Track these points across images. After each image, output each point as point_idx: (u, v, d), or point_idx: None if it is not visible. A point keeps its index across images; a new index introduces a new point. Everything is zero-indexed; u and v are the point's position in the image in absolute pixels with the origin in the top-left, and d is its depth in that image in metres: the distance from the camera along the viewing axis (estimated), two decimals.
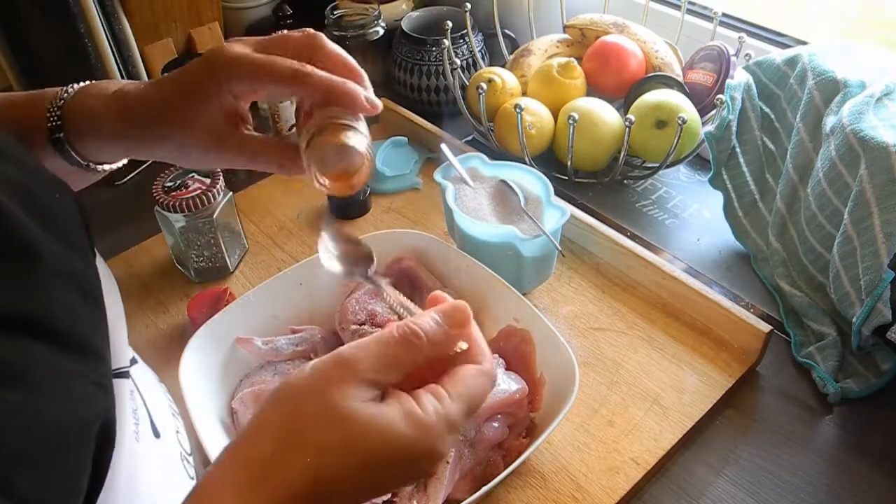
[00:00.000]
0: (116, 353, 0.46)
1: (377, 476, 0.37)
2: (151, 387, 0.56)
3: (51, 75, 1.05)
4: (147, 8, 1.03)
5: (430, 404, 0.38)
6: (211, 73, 0.47)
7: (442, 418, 0.38)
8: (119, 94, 0.49)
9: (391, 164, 0.98)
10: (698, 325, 0.76)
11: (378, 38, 1.08)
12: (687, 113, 0.85)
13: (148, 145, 0.50)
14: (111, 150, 0.51)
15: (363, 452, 0.36)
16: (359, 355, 0.38)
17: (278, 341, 0.69)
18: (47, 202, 0.36)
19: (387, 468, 0.37)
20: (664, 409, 0.69)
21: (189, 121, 0.48)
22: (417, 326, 0.39)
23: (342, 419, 0.36)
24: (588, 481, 0.63)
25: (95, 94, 0.50)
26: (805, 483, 0.64)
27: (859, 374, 0.71)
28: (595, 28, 1.01)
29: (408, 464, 0.38)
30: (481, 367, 0.41)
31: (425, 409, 0.38)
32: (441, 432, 0.38)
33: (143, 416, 0.50)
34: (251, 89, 0.48)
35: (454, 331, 0.41)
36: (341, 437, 0.36)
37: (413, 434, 0.37)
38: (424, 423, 0.37)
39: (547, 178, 0.78)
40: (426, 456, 0.38)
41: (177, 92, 0.48)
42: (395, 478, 0.39)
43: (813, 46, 0.81)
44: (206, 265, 0.84)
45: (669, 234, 0.90)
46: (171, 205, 0.77)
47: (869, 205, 0.67)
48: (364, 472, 0.36)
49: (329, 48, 0.50)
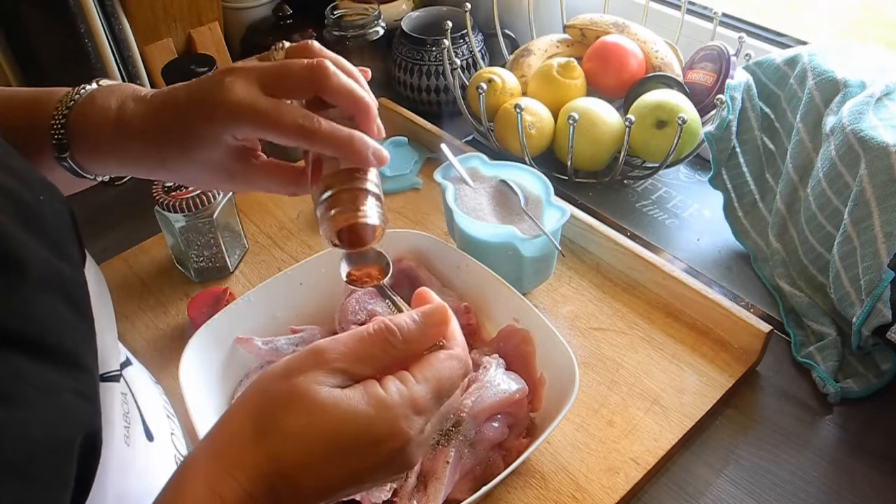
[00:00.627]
0: (105, 357, 0.46)
1: (345, 462, 0.37)
2: (146, 389, 0.55)
3: (51, 75, 1.05)
4: (147, 8, 1.03)
5: (394, 385, 0.39)
6: (211, 120, 0.46)
7: (405, 398, 0.38)
8: (120, 116, 0.48)
9: (391, 164, 0.98)
10: (698, 325, 0.76)
11: (378, 38, 1.08)
12: (687, 113, 0.85)
13: (148, 170, 0.50)
14: (113, 168, 0.51)
15: (323, 432, 0.37)
16: (332, 346, 0.39)
17: (278, 341, 0.69)
18: (37, 208, 0.36)
19: (352, 451, 0.37)
20: (664, 409, 0.69)
21: (190, 156, 0.48)
22: (394, 324, 0.40)
23: (302, 401, 0.37)
24: (588, 481, 0.63)
25: (98, 111, 0.48)
26: (805, 483, 0.64)
27: (859, 374, 0.71)
28: (595, 28, 1.01)
29: (372, 447, 0.38)
30: (451, 352, 0.42)
31: (388, 390, 0.38)
32: (404, 412, 0.38)
33: (135, 419, 0.50)
34: (253, 136, 0.48)
35: (431, 329, 0.41)
36: (302, 419, 0.37)
37: (373, 413, 0.37)
38: (385, 402, 0.38)
39: (547, 178, 0.78)
40: (389, 436, 0.38)
41: (177, 128, 0.47)
42: (366, 465, 0.38)
43: (813, 46, 0.81)
44: (206, 265, 0.84)
45: (669, 234, 0.90)
46: (171, 205, 0.77)
47: (869, 205, 0.67)
48: (330, 456, 0.37)
49: (334, 83, 0.47)
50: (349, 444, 0.37)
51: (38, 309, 0.33)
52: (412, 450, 0.39)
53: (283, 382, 0.38)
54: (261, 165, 0.50)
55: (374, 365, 0.40)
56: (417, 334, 0.41)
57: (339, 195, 0.47)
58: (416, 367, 0.40)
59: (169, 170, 0.50)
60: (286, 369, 0.39)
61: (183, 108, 0.47)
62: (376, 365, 0.40)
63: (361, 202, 0.47)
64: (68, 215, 0.39)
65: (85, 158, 0.50)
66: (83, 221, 0.41)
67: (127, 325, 0.79)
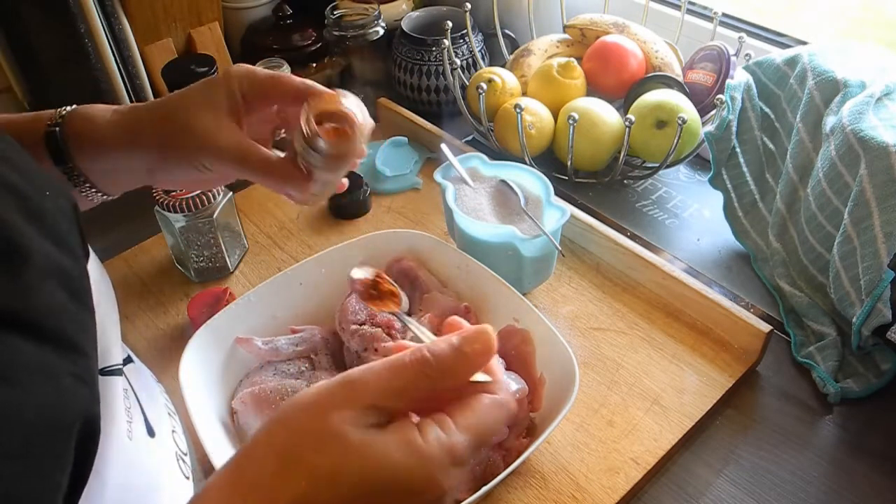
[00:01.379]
0: (108, 351, 0.47)
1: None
2: (147, 387, 0.56)
3: (51, 75, 1.05)
4: (147, 8, 1.03)
5: (433, 433, 0.36)
6: (226, 75, 0.52)
7: (445, 449, 0.36)
8: (120, 109, 0.52)
9: (391, 164, 0.98)
10: (698, 325, 0.76)
11: (378, 38, 1.08)
12: (687, 113, 0.85)
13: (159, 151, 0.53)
14: (112, 165, 0.53)
15: (356, 478, 0.35)
16: (367, 378, 0.37)
17: (278, 341, 0.69)
18: (39, 202, 0.36)
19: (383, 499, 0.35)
20: (664, 409, 0.69)
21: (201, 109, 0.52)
22: (432, 353, 0.37)
23: (335, 442, 0.35)
24: (588, 481, 0.63)
25: (95, 112, 0.53)
26: (805, 483, 0.64)
27: (859, 374, 0.71)
28: (595, 28, 1.01)
29: (405, 496, 0.36)
30: (496, 398, 0.39)
31: (426, 439, 0.36)
32: (442, 464, 0.36)
33: (136, 414, 0.50)
34: (262, 95, 0.52)
35: (472, 359, 0.38)
36: (332, 461, 0.35)
37: (409, 463, 0.35)
38: (423, 452, 0.35)
39: (547, 178, 0.78)
40: (425, 487, 0.36)
41: (189, 90, 0.53)
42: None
43: (813, 46, 0.81)
44: (206, 265, 0.84)
45: (669, 234, 0.90)
46: (171, 205, 0.77)
47: (869, 205, 0.67)
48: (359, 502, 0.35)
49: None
50: (381, 491, 0.35)
51: (38, 294, 0.33)
52: (447, 496, 0.37)
53: (313, 420, 0.36)
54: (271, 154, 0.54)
55: (411, 398, 0.37)
56: (459, 365, 0.38)
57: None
58: (459, 413, 0.38)
59: (158, 179, 0.56)
60: (316, 403, 0.36)
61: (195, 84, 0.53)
62: (412, 398, 0.37)
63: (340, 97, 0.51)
64: (71, 211, 0.39)
65: (85, 161, 0.52)
66: (83, 221, 0.42)
67: (127, 325, 0.79)
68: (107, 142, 0.52)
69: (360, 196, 0.92)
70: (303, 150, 0.51)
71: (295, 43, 1.15)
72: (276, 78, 0.53)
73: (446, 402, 0.39)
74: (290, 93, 0.53)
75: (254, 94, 0.53)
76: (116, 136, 0.52)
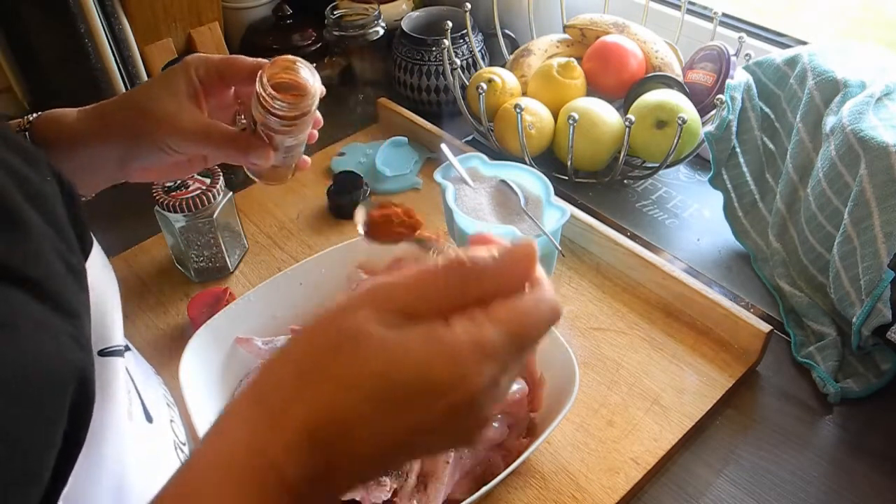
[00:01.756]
0: (111, 332, 0.48)
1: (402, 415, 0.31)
2: (146, 376, 0.57)
3: (51, 75, 1.05)
4: (147, 8, 1.03)
5: (461, 325, 0.32)
6: (184, 63, 0.56)
7: (473, 339, 0.31)
8: (85, 108, 0.56)
9: (391, 164, 0.98)
10: (698, 325, 0.76)
11: (378, 38, 1.08)
12: (687, 113, 0.85)
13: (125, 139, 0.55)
14: (83, 162, 0.55)
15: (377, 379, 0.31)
16: (394, 281, 0.33)
17: (278, 341, 0.69)
18: (40, 185, 0.37)
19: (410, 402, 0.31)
20: (664, 409, 0.69)
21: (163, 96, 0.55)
22: (469, 257, 0.33)
23: (353, 342, 0.32)
24: (588, 481, 0.63)
25: (62, 114, 0.56)
26: (805, 483, 0.64)
27: (859, 374, 0.71)
28: (595, 28, 1.01)
29: (433, 396, 0.31)
30: (540, 295, 0.34)
31: (453, 330, 0.32)
32: (470, 357, 0.31)
33: (135, 399, 0.51)
34: (218, 77, 0.56)
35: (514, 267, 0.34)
36: (353, 364, 0.31)
37: (432, 356, 0.31)
38: (448, 344, 0.31)
39: (547, 178, 0.78)
40: (452, 384, 0.31)
41: (150, 81, 0.58)
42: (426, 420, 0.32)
43: (813, 46, 0.81)
44: (206, 265, 0.84)
45: (669, 234, 0.90)
46: (171, 205, 0.77)
47: (869, 205, 0.67)
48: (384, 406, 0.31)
49: None
50: (405, 393, 0.31)
51: (40, 259, 0.35)
52: (481, 403, 0.32)
53: (332, 323, 0.33)
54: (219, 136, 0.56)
55: (442, 304, 0.32)
56: (496, 269, 0.33)
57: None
58: (494, 307, 0.33)
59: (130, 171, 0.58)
60: (336, 309, 0.33)
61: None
62: (444, 304, 0.32)
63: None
64: (69, 196, 0.41)
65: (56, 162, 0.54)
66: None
67: (127, 325, 0.78)
68: (76, 138, 0.55)
69: (360, 196, 0.92)
70: (261, 116, 0.54)
71: (295, 43, 1.15)
72: (229, 59, 0.57)
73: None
74: (244, 72, 0.56)
75: (210, 78, 0.56)
76: (84, 131, 0.55)
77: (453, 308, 0.32)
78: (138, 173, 0.59)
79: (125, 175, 0.59)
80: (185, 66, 0.56)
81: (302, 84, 0.54)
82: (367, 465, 0.33)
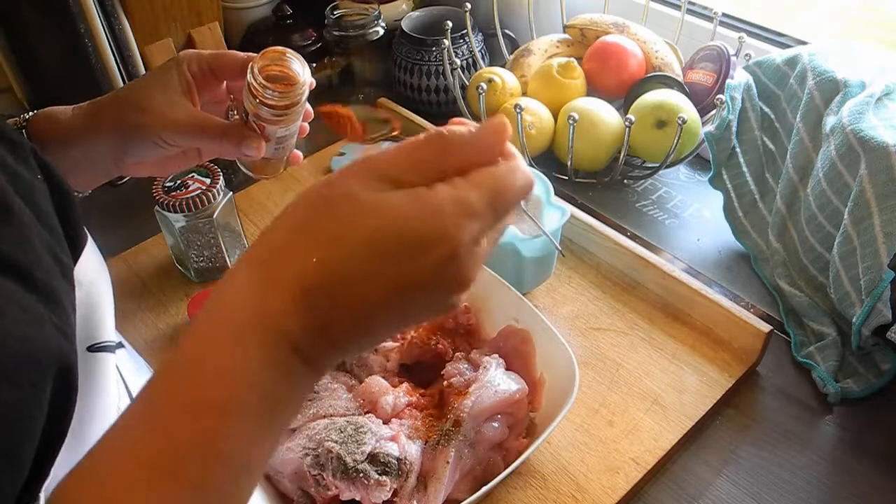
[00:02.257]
0: (102, 327, 0.48)
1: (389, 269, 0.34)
2: (139, 374, 0.57)
3: (51, 75, 1.05)
4: (147, 8, 1.03)
5: (443, 187, 0.35)
6: (176, 59, 0.57)
7: (454, 199, 0.34)
8: (80, 105, 0.57)
9: None
10: (698, 325, 0.76)
11: (378, 38, 1.08)
12: (687, 113, 0.85)
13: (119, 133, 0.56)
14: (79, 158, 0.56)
15: (365, 233, 0.34)
16: (382, 155, 0.36)
17: None
18: (30, 180, 0.38)
19: (397, 256, 0.34)
20: (664, 409, 0.69)
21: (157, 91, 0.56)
22: (448, 130, 0.37)
23: (344, 204, 0.34)
24: (588, 481, 0.63)
25: (57, 111, 0.57)
26: (805, 483, 0.64)
27: (859, 374, 0.71)
28: (595, 28, 1.01)
29: (419, 250, 0.34)
30: (512, 163, 0.38)
31: (435, 190, 0.35)
32: (453, 212, 0.34)
33: (124, 396, 0.51)
34: (210, 71, 0.57)
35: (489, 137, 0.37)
36: (345, 223, 0.34)
37: (417, 212, 0.34)
38: (432, 201, 0.34)
39: (547, 178, 0.78)
40: (437, 238, 0.34)
41: (143, 77, 0.59)
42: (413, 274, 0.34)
43: (813, 46, 0.81)
44: (206, 265, 0.84)
45: (669, 234, 0.90)
46: (171, 205, 0.77)
47: (869, 205, 0.67)
48: (373, 260, 0.34)
49: None
50: (393, 248, 0.34)
51: (28, 247, 0.35)
52: (464, 258, 0.35)
53: (326, 188, 0.36)
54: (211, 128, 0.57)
55: (425, 172, 0.36)
56: (473, 140, 0.37)
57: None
58: (472, 174, 0.36)
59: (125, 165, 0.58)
60: (329, 178, 0.36)
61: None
62: (427, 172, 0.36)
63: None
64: (59, 193, 0.41)
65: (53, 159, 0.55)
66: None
67: (127, 325, 0.79)
68: (71, 134, 0.55)
69: None
70: (253, 106, 0.55)
71: (295, 43, 1.15)
72: (220, 54, 0.58)
73: None
74: (235, 66, 0.58)
75: (202, 72, 0.58)
76: (79, 126, 0.56)
77: (436, 176, 0.36)
78: (133, 168, 0.60)
79: (120, 170, 0.59)
80: (177, 62, 0.57)
81: (292, 74, 0.55)
82: (362, 321, 0.35)
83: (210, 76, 0.58)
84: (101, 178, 0.60)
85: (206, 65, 0.57)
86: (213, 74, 0.58)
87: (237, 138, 0.57)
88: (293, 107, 0.56)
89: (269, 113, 0.55)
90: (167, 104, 0.56)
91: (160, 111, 0.55)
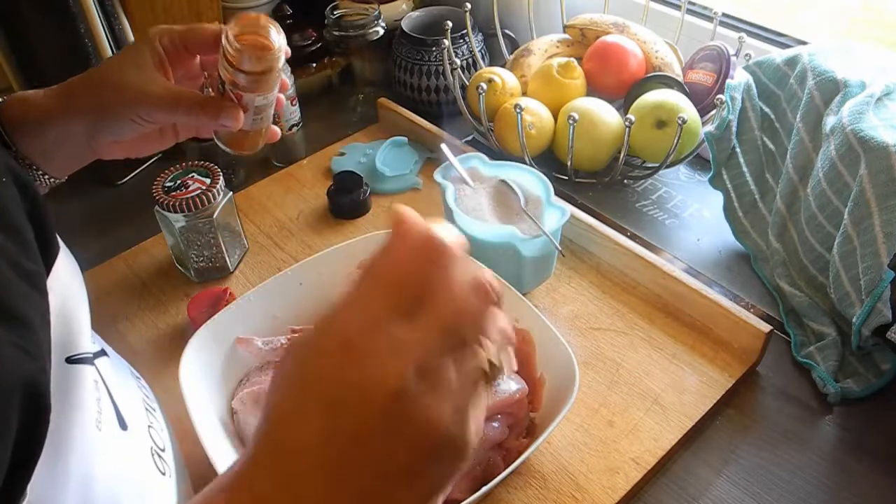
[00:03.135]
0: (76, 339, 0.47)
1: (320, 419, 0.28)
2: (122, 381, 0.55)
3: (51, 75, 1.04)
4: (147, 8, 1.03)
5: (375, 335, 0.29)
6: (148, 35, 0.57)
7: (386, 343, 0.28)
8: (52, 87, 0.57)
9: (391, 164, 0.98)
10: (698, 325, 0.76)
11: (378, 38, 1.08)
12: (687, 113, 0.85)
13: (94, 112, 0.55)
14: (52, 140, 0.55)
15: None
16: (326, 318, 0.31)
17: (278, 341, 0.69)
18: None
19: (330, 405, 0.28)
20: (664, 409, 0.69)
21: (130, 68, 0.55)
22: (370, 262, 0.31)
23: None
24: (588, 481, 0.63)
25: (29, 94, 0.56)
26: (805, 483, 0.64)
27: (859, 374, 0.71)
28: (595, 28, 1.01)
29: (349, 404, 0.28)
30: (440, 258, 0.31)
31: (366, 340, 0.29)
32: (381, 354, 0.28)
33: (107, 407, 0.49)
34: (183, 46, 0.57)
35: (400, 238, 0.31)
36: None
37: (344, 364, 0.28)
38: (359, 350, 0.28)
39: (547, 178, 0.78)
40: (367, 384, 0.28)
41: (116, 55, 0.58)
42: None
43: (813, 46, 0.81)
44: (206, 265, 0.84)
45: (669, 234, 0.90)
46: (171, 205, 0.77)
47: (869, 205, 0.67)
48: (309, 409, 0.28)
49: None
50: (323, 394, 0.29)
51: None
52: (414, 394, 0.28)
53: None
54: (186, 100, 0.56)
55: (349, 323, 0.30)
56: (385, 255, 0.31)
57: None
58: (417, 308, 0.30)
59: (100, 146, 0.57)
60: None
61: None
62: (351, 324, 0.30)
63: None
64: (29, 198, 0.41)
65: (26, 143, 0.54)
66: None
67: (127, 325, 0.79)
68: (44, 116, 0.55)
69: (360, 196, 0.92)
70: (229, 73, 0.55)
71: (295, 43, 1.15)
72: (192, 28, 0.58)
73: None
74: (208, 39, 0.58)
75: (175, 47, 0.57)
76: (52, 107, 0.55)
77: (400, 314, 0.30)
78: (108, 148, 0.59)
79: (95, 152, 0.58)
80: (149, 38, 0.57)
81: (266, 41, 0.55)
82: None
83: (182, 50, 0.58)
84: (76, 163, 0.59)
85: (177, 38, 0.57)
86: (185, 48, 0.58)
87: (215, 109, 0.56)
88: (269, 73, 0.56)
89: (244, 79, 0.55)
90: (141, 80, 0.55)
91: (135, 87, 0.55)
